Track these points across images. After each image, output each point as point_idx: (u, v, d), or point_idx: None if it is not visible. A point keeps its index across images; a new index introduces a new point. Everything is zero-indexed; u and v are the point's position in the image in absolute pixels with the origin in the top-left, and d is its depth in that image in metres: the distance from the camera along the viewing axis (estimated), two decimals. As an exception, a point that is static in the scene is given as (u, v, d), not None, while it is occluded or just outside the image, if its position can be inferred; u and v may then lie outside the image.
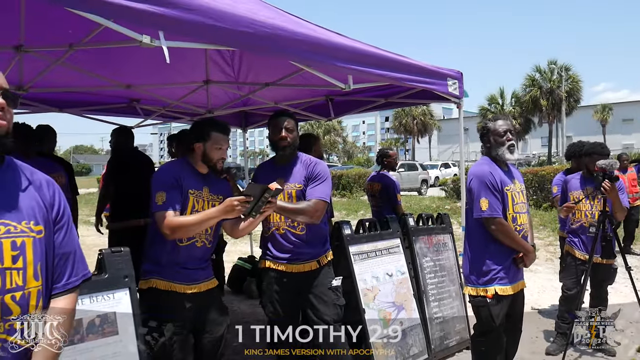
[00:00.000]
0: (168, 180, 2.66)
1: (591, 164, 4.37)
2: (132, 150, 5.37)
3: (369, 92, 5.23)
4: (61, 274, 1.59)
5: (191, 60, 4.35)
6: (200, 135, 2.73)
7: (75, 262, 1.63)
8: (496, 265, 3.13)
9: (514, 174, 3.28)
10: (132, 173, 4.94)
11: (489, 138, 3.22)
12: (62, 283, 1.59)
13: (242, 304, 5.92)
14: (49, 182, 1.61)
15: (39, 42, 3.39)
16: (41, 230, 1.52)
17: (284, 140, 3.12)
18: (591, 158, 4.39)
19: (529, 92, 43.13)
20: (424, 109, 52.88)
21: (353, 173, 23.73)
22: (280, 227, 3.14)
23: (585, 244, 4.43)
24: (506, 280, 3.13)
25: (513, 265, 3.17)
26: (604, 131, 49.95)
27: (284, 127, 3.12)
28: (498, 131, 3.19)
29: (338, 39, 3.25)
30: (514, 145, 3.21)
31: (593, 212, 4.39)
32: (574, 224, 4.52)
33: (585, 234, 4.39)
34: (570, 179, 4.63)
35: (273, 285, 3.18)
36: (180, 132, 4.69)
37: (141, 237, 4.62)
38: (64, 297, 1.59)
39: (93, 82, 4.55)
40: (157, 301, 2.67)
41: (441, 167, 33.17)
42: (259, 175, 3.31)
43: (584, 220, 4.44)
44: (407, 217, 4.58)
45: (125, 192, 4.93)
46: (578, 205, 4.45)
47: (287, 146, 3.14)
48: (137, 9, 2.17)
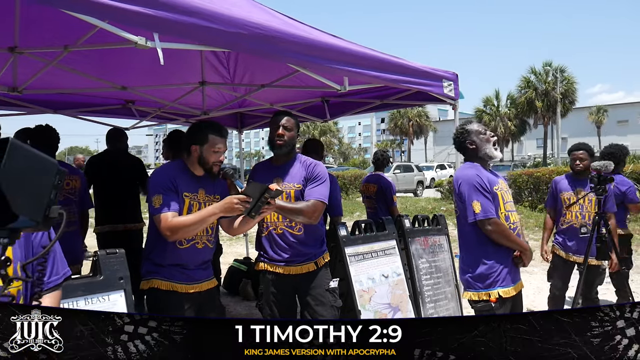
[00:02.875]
0: (164, 182, 2.65)
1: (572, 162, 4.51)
2: (120, 153, 5.23)
3: (364, 93, 5.24)
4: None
5: (187, 61, 4.35)
6: (197, 138, 2.72)
7: (55, 261, 1.66)
8: (496, 267, 3.06)
9: (497, 175, 3.23)
10: (116, 176, 4.91)
11: (473, 139, 3.16)
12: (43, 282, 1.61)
13: (238, 305, 5.91)
14: None
15: (33, 44, 3.37)
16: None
17: (280, 138, 3.09)
18: (570, 157, 4.53)
19: (524, 94, 43.32)
20: (419, 110, 53.03)
21: (349, 174, 23.74)
22: (278, 227, 3.13)
23: (575, 245, 4.45)
24: (508, 281, 3.07)
25: (512, 266, 3.13)
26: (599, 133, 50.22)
27: (282, 125, 3.10)
28: (479, 130, 3.16)
29: (333, 41, 3.26)
30: (497, 141, 3.20)
31: (583, 213, 4.42)
32: (563, 225, 4.54)
33: (575, 235, 4.41)
34: (560, 180, 4.65)
35: (270, 288, 3.18)
36: (170, 133, 4.65)
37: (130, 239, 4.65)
38: (47, 295, 1.62)
39: (88, 84, 4.53)
40: (158, 301, 2.68)
41: (437, 169, 33.24)
42: (256, 175, 3.28)
43: (574, 221, 4.45)
44: (403, 219, 4.59)
45: (109, 195, 4.92)
46: (571, 206, 4.48)
47: (282, 145, 3.10)
48: (132, 10, 2.16)
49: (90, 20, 2.14)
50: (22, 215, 1.18)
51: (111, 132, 5.30)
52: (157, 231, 2.63)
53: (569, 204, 4.45)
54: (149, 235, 2.83)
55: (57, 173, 1.26)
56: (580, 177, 4.48)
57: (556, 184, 4.63)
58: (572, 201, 4.46)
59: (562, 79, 41.45)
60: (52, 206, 1.25)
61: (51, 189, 1.25)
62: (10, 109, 5.10)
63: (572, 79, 42.54)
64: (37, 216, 1.22)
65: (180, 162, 2.81)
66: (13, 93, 4.14)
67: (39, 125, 4.08)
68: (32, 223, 1.22)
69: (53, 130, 4.11)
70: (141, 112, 5.86)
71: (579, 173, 4.47)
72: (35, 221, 1.22)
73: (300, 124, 3.36)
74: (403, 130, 55.82)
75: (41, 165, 1.23)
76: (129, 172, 5.06)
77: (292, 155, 3.19)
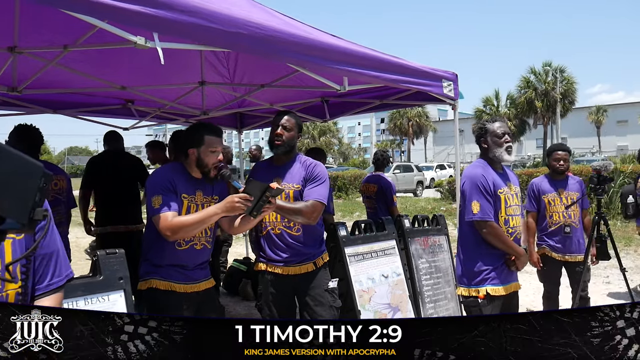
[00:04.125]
0: (163, 183, 2.64)
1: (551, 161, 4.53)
2: (118, 154, 5.29)
3: (364, 93, 5.24)
4: (43, 274, 1.59)
5: (186, 61, 4.34)
6: (193, 140, 2.70)
7: (57, 263, 1.63)
8: (487, 265, 3.14)
9: (509, 177, 3.28)
10: (117, 176, 4.92)
11: (487, 139, 3.22)
12: (45, 284, 1.60)
13: (238, 305, 5.91)
14: None
15: (33, 44, 3.37)
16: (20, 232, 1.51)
17: (279, 138, 3.07)
18: (551, 157, 4.54)
19: (524, 94, 43.29)
20: (419, 110, 52.97)
21: (349, 174, 23.75)
22: (277, 227, 3.13)
23: (568, 245, 4.47)
24: (497, 280, 3.14)
25: (505, 266, 3.18)
26: (598, 133, 50.27)
27: (281, 124, 3.09)
28: (496, 132, 3.19)
29: (333, 41, 3.26)
30: (511, 147, 3.21)
31: (569, 212, 4.44)
32: (551, 227, 4.52)
33: (561, 235, 4.45)
34: (540, 182, 4.64)
35: (269, 288, 3.17)
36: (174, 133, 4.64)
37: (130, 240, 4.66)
38: (48, 297, 1.60)
39: (87, 84, 4.53)
40: (157, 301, 2.67)
41: (437, 169, 33.22)
42: (256, 174, 3.26)
43: (562, 221, 4.47)
44: (402, 219, 4.59)
45: (110, 195, 4.92)
46: (554, 207, 4.49)
47: (280, 144, 3.08)
48: (131, 10, 2.16)
49: (90, 20, 2.13)
50: (7, 218, 1.18)
51: (110, 134, 5.36)
52: (156, 232, 2.62)
53: (569, 204, 4.45)
54: (146, 236, 2.82)
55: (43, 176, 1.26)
56: (560, 178, 4.53)
57: (537, 187, 4.60)
58: (555, 202, 4.48)
59: (561, 79, 41.45)
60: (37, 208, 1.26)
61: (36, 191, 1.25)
62: (9, 109, 5.10)
63: (571, 79, 42.54)
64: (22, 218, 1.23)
65: (179, 165, 2.80)
66: (12, 93, 4.13)
67: (21, 125, 4.06)
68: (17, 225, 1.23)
69: (36, 130, 4.09)
70: (141, 112, 5.86)
71: (560, 173, 4.49)
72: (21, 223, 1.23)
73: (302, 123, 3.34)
74: (403, 131, 55.75)
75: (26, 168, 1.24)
76: (130, 172, 5.09)
77: (292, 155, 3.18)
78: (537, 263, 4.57)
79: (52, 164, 4.20)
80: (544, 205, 4.54)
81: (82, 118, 5.85)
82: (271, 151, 3.19)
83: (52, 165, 4.04)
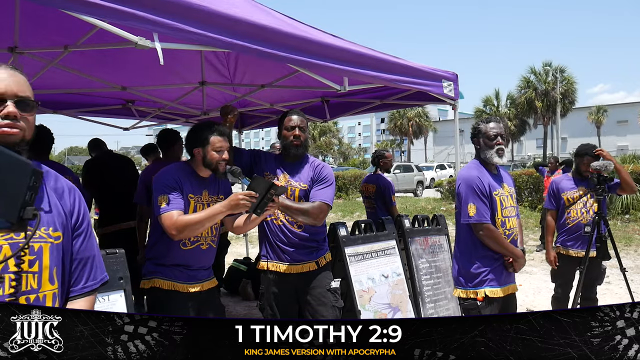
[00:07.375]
0: (169, 182, 2.64)
1: (582, 165, 4.48)
2: (108, 154, 5.44)
3: (364, 93, 5.25)
4: (79, 277, 1.62)
5: (187, 61, 4.35)
6: (197, 140, 2.71)
7: (93, 266, 1.67)
8: (485, 267, 3.13)
9: (503, 178, 3.27)
10: (117, 176, 4.93)
11: (479, 140, 3.22)
12: (80, 286, 1.63)
13: (238, 305, 5.91)
14: (71, 189, 1.62)
15: (33, 44, 3.37)
16: (59, 237, 1.53)
17: (297, 139, 3.13)
18: (582, 159, 4.50)
19: (524, 94, 43.35)
20: (419, 110, 52.98)
21: (349, 174, 23.73)
22: (280, 226, 3.14)
23: (580, 241, 4.45)
24: (495, 282, 3.13)
25: (503, 267, 3.18)
26: (598, 133, 50.23)
27: (298, 126, 3.13)
28: (489, 134, 3.18)
29: (333, 41, 3.26)
30: (502, 149, 3.18)
31: (588, 209, 4.43)
32: (569, 224, 4.53)
33: (580, 232, 4.42)
34: (560, 180, 4.65)
35: (271, 287, 3.18)
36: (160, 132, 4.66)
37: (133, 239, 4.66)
38: (81, 299, 1.63)
39: (88, 84, 4.54)
40: (159, 300, 2.68)
41: (437, 169, 33.25)
42: (266, 164, 3.25)
43: (580, 218, 4.46)
44: (402, 219, 4.59)
45: (110, 194, 4.92)
46: (573, 205, 4.48)
47: (299, 145, 3.14)
48: (131, 10, 2.16)
49: (90, 20, 2.14)
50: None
51: (94, 141, 5.61)
52: (161, 231, 2.63)
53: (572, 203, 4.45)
54: (151, 236, 2.82)
55: (32, 174, 1.25)
56: (582, 178, 4.53)
57: (557, 185, 4.62)
58: (575, 199, 4.47)
59: (561, 79, 41.47)
60: (27, 207, 1.25)
61: (26, 190, 1.25)
62: (9, 109, 5.09)
63: (571, 79, 42.58)
64: (11, 217, 1.22)
65: (186, 164, 2.81)
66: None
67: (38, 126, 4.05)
68: (7, 224, 1.23)
69: (45, 129, 4.05)
70: (141, 112, 5.87)
71: (586, 178, 4.48)
72: (10, 222, 1.22)
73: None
74: (403, 131, 55.75)
75: (15, 166, 1.23)
76: (126, 171, 5.09)
77: (304, 154, 3.22)
78: (553, 262, 4.56)
79: (59, 164, 4.20)
80: (562, 202, 4.54)
81: (83, 118, 5.86)
82: (288, 150, 3.18)
83: (59, 165, 4.04)
